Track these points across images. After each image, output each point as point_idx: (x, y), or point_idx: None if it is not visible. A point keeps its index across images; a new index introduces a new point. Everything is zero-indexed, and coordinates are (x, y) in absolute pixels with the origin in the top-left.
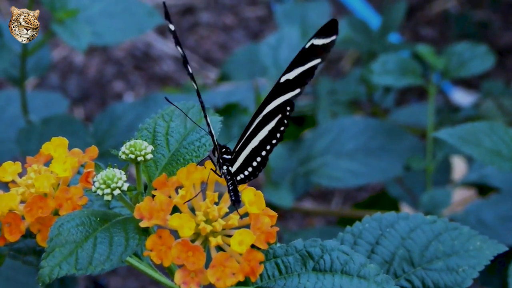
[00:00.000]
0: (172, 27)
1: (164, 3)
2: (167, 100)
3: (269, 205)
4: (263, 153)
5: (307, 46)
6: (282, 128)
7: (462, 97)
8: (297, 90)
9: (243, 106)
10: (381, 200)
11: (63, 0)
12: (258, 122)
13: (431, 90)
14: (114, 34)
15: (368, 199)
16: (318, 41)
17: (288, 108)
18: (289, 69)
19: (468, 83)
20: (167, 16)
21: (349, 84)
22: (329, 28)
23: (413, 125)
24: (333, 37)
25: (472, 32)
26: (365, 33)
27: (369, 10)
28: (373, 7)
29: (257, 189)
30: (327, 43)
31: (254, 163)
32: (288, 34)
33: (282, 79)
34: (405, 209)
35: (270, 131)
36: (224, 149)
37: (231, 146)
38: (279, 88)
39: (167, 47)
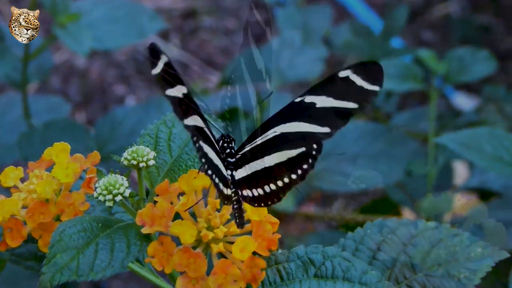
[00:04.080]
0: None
1: (149, 46)
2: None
3: (271, 209)
4: (280, 183)
5: (341, 75)
6: (305, 167)
7: (464, 102)
8: (326, 129)
9: (244, 110)
10: (382, 204)
11: (65, 4)
12: (274, 138)
13: (433, 94)
14: (115, 38)
15: (370, 204)
16: (356, 79)
17: (315, 147)
18: (314, 90)
19: (470, 87)
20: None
21: None
22: (372, 73)
23: (415, 130)
24: (376, 88)
25: (474, 36)
26: (367, 38)
27: (371, 14)
28: (375, 11)
29: None
30: (367, 90)
31: (267, 189)
32: (289, 39)
33: (307, 99)
34: (407, 213)
35: (290, 159)
36: (227, 140)
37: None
38: (302, 109)
39: (169, 50)
